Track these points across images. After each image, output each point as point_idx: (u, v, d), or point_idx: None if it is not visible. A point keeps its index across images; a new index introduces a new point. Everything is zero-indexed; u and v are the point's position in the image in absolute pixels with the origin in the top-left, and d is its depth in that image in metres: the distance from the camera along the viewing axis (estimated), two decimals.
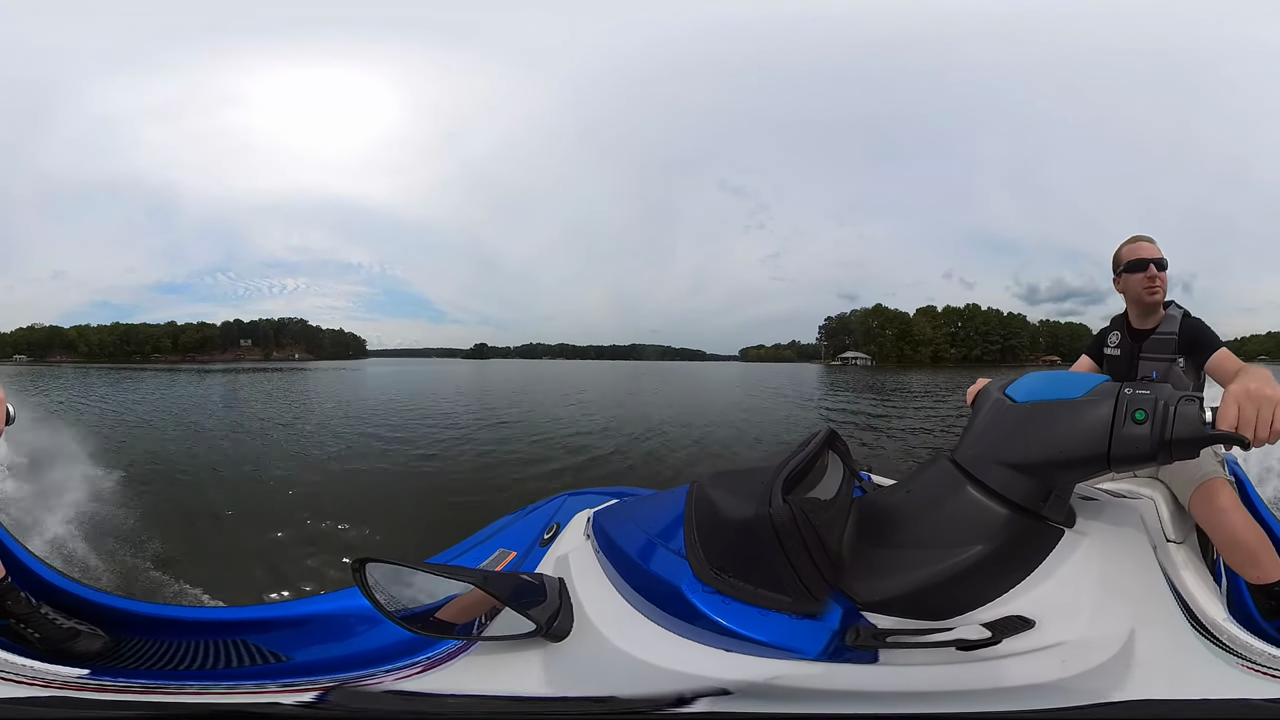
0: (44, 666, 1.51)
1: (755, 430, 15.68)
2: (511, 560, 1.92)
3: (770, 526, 1.25)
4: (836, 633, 1.22)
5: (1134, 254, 2.33)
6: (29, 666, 1.49)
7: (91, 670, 1.56)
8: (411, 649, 1.54)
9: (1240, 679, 1.23)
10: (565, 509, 2.06)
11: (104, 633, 1.80)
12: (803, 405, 24.27)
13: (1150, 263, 2.28)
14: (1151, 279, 2.28)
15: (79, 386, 31.85)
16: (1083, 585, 1.26)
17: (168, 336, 40.40)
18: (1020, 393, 1.45)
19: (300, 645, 1.81)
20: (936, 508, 1.39)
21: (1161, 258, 2.30)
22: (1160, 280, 2.28)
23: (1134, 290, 2.33)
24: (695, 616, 1.28)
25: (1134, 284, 2.32)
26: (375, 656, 1.60)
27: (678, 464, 10.40)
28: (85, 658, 1.71)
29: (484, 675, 1.37)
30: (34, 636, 1.71)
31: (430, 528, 6.05)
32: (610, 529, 1.62)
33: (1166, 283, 2.30)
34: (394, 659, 1.55)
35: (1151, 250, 2.32)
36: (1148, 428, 1.23)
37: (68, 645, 1.73)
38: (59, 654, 1.69)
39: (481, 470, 9.71)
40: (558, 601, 1.42)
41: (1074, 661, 1.15)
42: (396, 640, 1.58)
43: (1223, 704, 1.17)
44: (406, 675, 1.47)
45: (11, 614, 1.73)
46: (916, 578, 1.28)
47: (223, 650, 1.82)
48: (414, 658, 1.52)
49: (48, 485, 6.02)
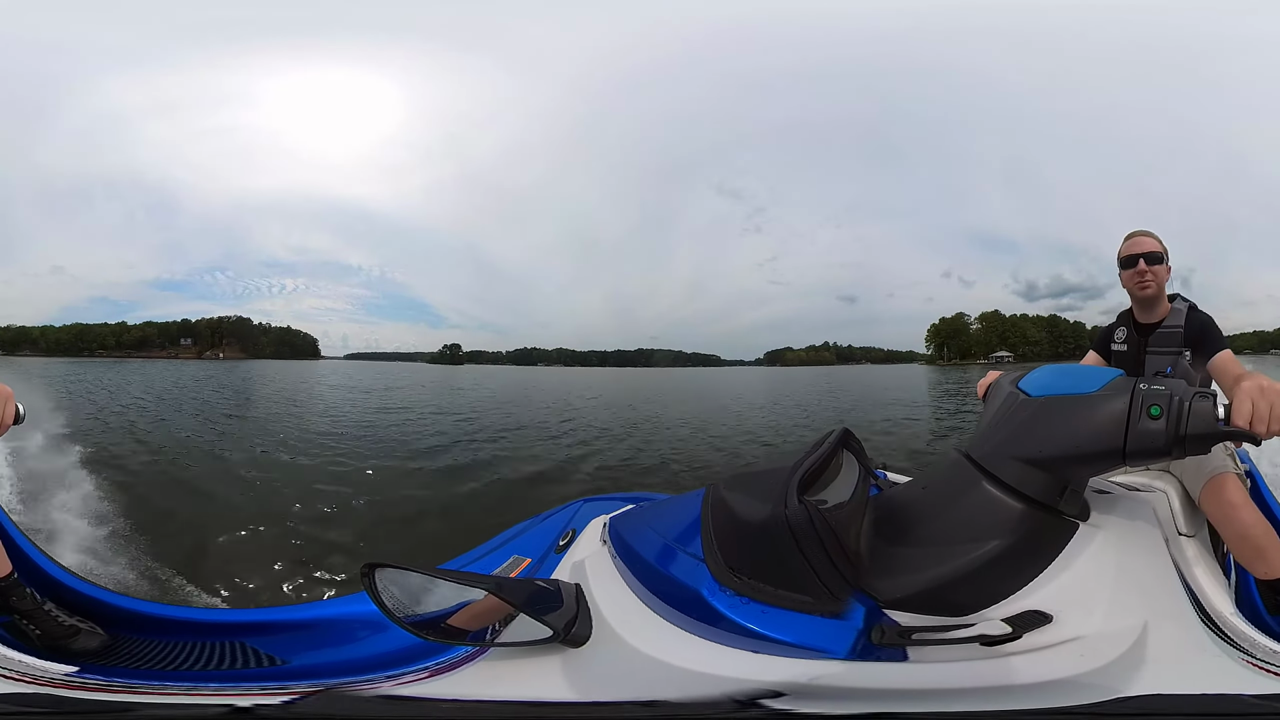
0: (37, 663, 1.52)
1: None
2: (526, 567, 1.91)
3: (787, 527, 1.25)
4: (862, 631, 1.22)
5: (1127, 249, 2.35)
6: (22, 662, 1.50)
7: (81, 668, 1.57)
8: (418, 655, 1.54)
9: (1241, 674, 1.23)
10: (581, 515, 2.06)
11: (103, 630, 1.81)
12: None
13: (1139, 257, 2.30)
14: (1141, 274, 2.29)
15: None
16: (1098, 579, 1.27)
17: (113, 335, 44.35)
18: (1034, 387, 1.45)
19: (300, 649, 1.81)
20: (953, 504, 1.39)
21: (1153, 251, 2.31)
22: (1151, 274, 2.29)
23: (1127, 285, 2.36)
24: (717, 619, 1.28)
25: (1126, 279, 2.35)
26: (378, 662, 1.60)
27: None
28: (83, 655, 1.72)
29: (497, 680, 1.37)
30: (35, 633, 1.73)
31: None
32: (627, 534, 1.62)
33: (1162, 276, 2.31)
34: (400, 665, 1.54)
35: (1143, 244, 2.33)
36: (1163, 423, 1.24)
37: (67, 642, 1.74)
38: (58, 650, 1.70)
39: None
40: (575, 607, 1.41)
41: (1091, 656, 1.15)
42: (403, 647, 1.58)
43: (1219, 699, 1.18)
44: (409, 680, 1.47)
45: (16, 610, 1.74)
46: (936, 574, 1.28)
47: (218, 652, 1.82)
48: (421, 664, 1.51)
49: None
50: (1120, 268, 2.36)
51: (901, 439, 12.80)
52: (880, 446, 11.20)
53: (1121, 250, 2.37)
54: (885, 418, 17.93)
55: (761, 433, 14.88)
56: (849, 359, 58.84)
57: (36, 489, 5.53)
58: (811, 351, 60.86)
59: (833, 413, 21.33)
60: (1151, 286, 2.30)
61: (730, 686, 1.19)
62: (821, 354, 60.81)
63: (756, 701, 1.18)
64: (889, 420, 17.31)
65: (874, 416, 19.11)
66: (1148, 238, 2.35)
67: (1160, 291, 2.33)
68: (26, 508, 5.09)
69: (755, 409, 22.21)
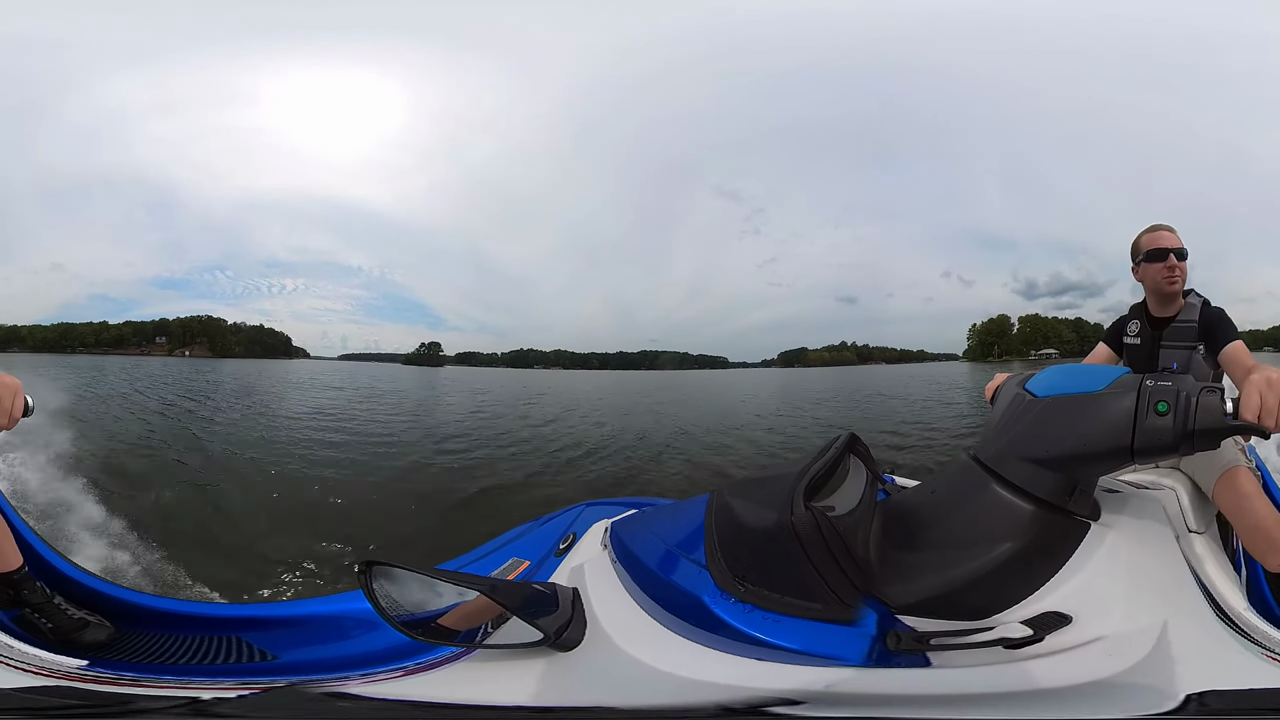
0: (49, 656, 1.53)
1: None
2: (525, 569, 1.89)
3: (793, 534, 1.23)
4: (875, 638, 1.20)
5: (1154, 243, 2.31)
6: (35, 656, 1.51)
7: (90, 661, 1.58)
8: (403, 654, 1.52)
9: (1263, 668, 1.22)
10: (583, 519, 2.04)
11: (110, 624, 1.82)
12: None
13: (1170, 252, 2.26)
14: (1171, 269, 2.26)
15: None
16: (1113, 579, 1.26)
17: (92, 334, 47.87)
18: (1041, 387, 1.43)
19: (291, 645, 1.80)
20: (962, 507, 1.37)
21: (1181, 247, 2.28)
22: (1180, 270, 2.26)
23: (1153, 279, 2.31)
24: (719, 627, 1.25)
25: (1153, 273, 2.30)
26: (365, 659, 1.58)
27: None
28: (90, 648, 1.73)
29: (476, 682, 1.35)
30: (46, 626, 1.73)
31: None
32: (628, 540, 1.60)
33: (1186, 272, 2.28)
34: (385, 663, 1.53)
35: (1172, 240, 2.30)
36: (1170, 419, 1.22)
37: (76, 636, 1.75)
38: (67, 644, 1.71)
39: None
40: (569, 612, 1.40)
41: (1119, 656, 1.13)
42: (390, 645, 1.56)
43: (1263, 694, 1.16)
44: (380, 679, 1.46)
45: (27, 603, 1.75)
46: (948, 579, 1.26)
47: (216, 646, 1.82)
48: (399, 663, 1.50)
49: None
50: (1145, 261, 2.31)
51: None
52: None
53: (1145, 243, 2.33)
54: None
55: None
56: (868, 358, 57.58)
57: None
58: (832, 351, 58.71)
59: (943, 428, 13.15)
60: (1180, 282, 2.27)
61: (731, 694, 1.17)
62: (843, 354, 58.74)
63: (763, 709, 1.15)
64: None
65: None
66: (1173, 233, 2.32)
67: (1182, 287, 2.29)
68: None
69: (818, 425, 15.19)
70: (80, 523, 4.86)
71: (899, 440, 11.39)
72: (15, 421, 1.51)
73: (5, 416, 1.48)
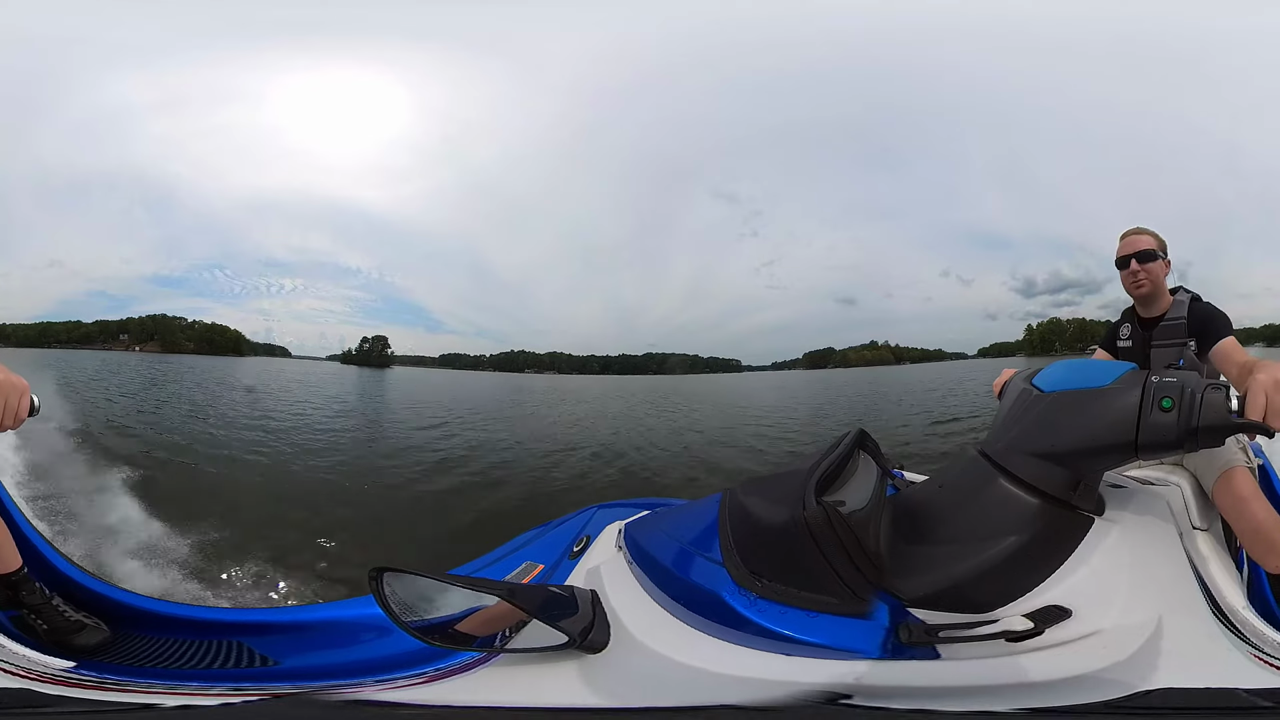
0: (37, 657, 1.52)
1: None
2: (539, 573, 1.89)
3: (806, 529, 1.25)
4: (889, 630, 1.22)
5: (1121, 250, 2.35)
6: (25, 657, 1.51)
7: (78, 664, 1.57)
8: (420, 660, 1.51)
9: (1248, 668, 1.23)
10: (595, 521, 2.04)
11: (107, 627, 1.81)
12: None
13: (1131, 258, 2.29)
14: (1134, 274, 2.29)
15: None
16: (1114, 573, 1.27)
17: (65, 331, 50.83)
18: (1047, 382, 1.45)
19: (296, 651, 1.79)
20: (970, 501, 1.39)
21: (1145, 249, 2.29)
22: (1144, 273, 2.28)
23: (1124, 285, 2.36)
24: (741, 623, 1.27)
25: (1122, 280, 2.35)
26: (377, 665, 1.58)
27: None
28: (85, 651, 1.72)
29: (510, 686, 1.35)
30: (42, 628, 1.72)
31: None
32: (643, 540, 1.61)
33: (1157, 272, 2.29)
34: (400, 669, 1.52)
35: (1135, 244, 2.32)
36: (1174, 415, 1.23)
37: (72, 637, 1.74)
38: (62, 645, 1.70)
39: None
40: (591, 614, 1.40)
41: (1112, 650, 1.15)
42: (401, 651, 1.55)
43: (1220, 693, 1.17)
44: (402, 685, 1.46)
45: (25, 604, 1.73)
46: (956, 572, 1.28)
47: (213, 651, 1.81)
48: (420, 669, 1.49)
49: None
50: (1117, 268, 2.36)
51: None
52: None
53: (1117, 251, 2.37)
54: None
55: None
56: (901, 358, 56.05)
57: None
58: (871, 350, 56.21)
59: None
60: (1146, 285, 2.29)
61: (773, 690, 1.18)
62: (880, 353, 56.38)
63: (809, 703, 1.17)
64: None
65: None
66: (1141, 235, 2.34)
67: (1157, 288, 2.31)
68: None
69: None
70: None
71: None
72: (21, 421, 1.49)
73: (11, 416, 1.46)
